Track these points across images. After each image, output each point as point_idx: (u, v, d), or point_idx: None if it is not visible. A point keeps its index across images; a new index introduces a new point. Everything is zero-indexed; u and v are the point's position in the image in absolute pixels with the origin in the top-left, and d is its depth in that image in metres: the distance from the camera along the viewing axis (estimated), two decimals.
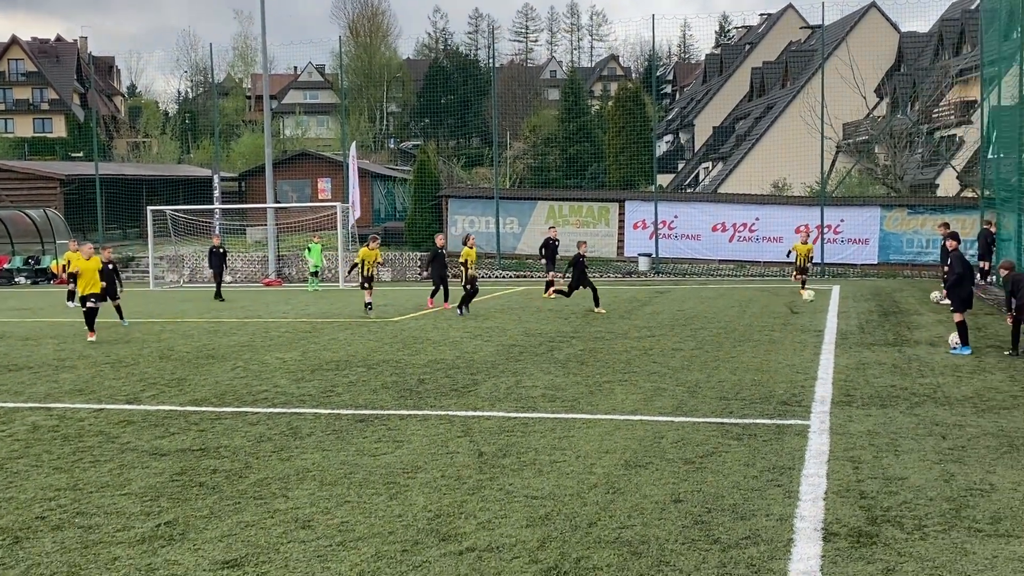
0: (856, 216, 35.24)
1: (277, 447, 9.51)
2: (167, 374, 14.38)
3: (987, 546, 6.31)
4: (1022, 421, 9.98)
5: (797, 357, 14.76)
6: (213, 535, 6.90)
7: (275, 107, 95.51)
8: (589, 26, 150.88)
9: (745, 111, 69.99)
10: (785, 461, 8.54)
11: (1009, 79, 26.61)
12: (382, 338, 18.18)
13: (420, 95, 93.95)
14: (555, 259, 28.21)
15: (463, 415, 10.88)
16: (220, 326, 21.00)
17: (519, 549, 6.44)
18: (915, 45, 59.16)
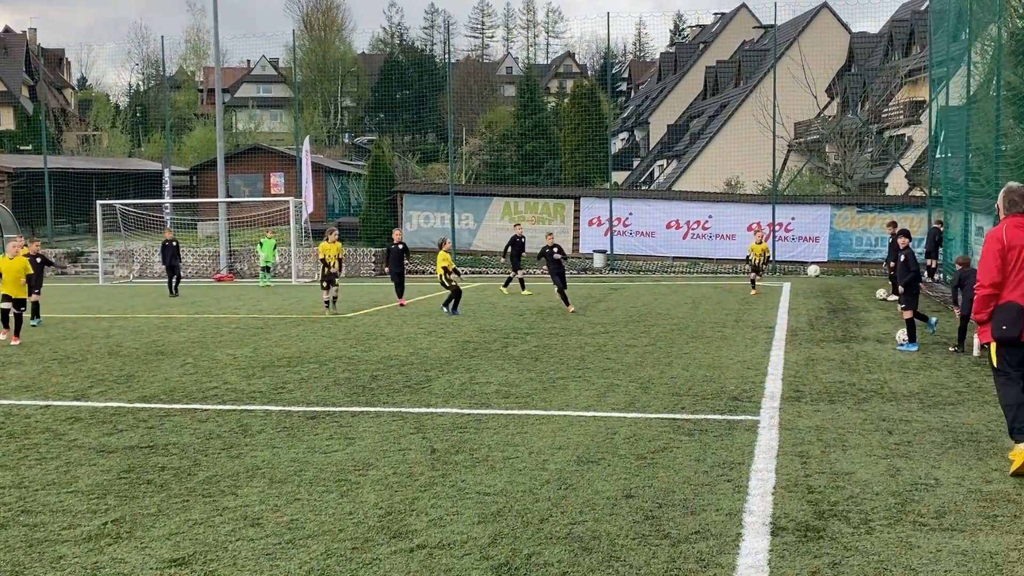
0: (807, 214, 35.65)
1: (226, 444, 9.43)
2: (115, 370, 14.21)
3: (931, 540, 6.40)
4: (967, 416, 10.14)
5: (748, 353, 14.89)
6: (160, 533, 6.83)
7: (227, 101, 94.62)
8: (545, 23, 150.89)
9: (699, 109, 70.47)
10: (735, 456, 8.61)
11: (957, 80, 27.04)
12: (335, 334, 18.09)
13: (375, 90, 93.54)
14: (520, 257, 27.47)
15: (416, 412, 10.86)
16: (170, 322, 20.79)
17: (470, 546, 6.44)
18: (865, 45, 59.90)
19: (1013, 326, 7.96)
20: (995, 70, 20.82)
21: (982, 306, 8.12)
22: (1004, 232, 8.08)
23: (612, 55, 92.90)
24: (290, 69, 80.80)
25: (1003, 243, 8.02)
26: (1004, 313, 7.99)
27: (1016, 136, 19.91)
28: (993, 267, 8.00)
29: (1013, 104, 19.79)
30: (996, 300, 8.04)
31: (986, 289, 8.06)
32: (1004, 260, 8.00)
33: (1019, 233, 8.08)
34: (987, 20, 22.77)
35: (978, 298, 8.16)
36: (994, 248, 8.04)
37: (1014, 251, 8.02)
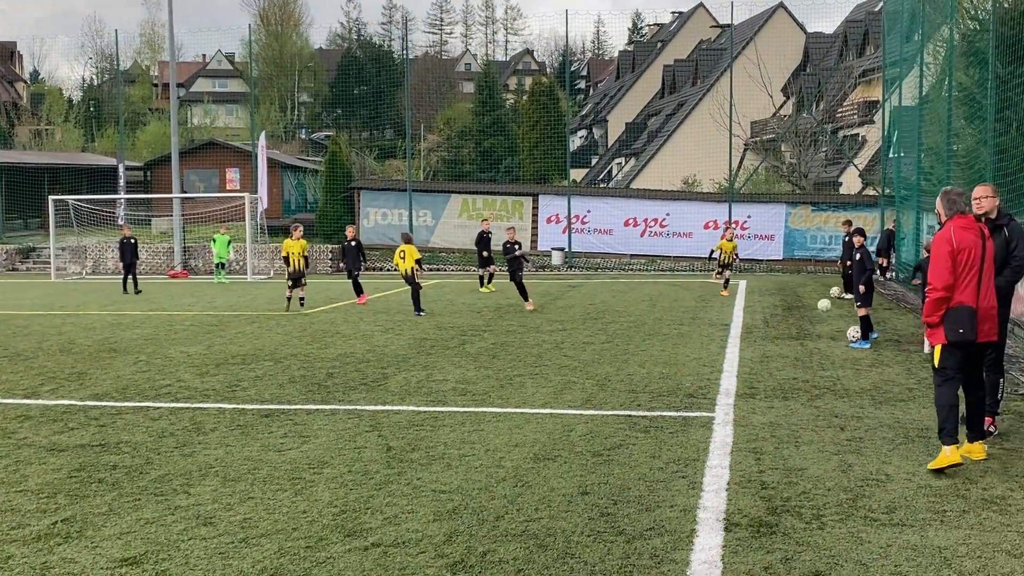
0: (763, 212, 35.92)
1: (179, 443, 9.34)
2: (67, 368, 14.02)
3: (882, 535, 6.47)
4: (917, 413, 10.27)
5: (704, 350, 14.99)
6: (111, 532, 6.75)
7: (182, 95, 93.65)
8: (504, 20, 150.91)
9: (657, 108, 70.79)
10: (690, 453, 8.66)
11: (909, 80, 27.36)
12: (290, 332, 17.98)
13: (332, 85, 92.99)
14: (490, 252, 26.76)
15: (372, 409, 10.82)
16: (123, 319, 20.55)
17: (425, 544, 6.42)
18: (820, 46, 60.51)
19: (969, 329, 7.95)
20: (947, 71, 21.10)
21: (934, 309, 8.07)
22: (952, 234, 8.06)
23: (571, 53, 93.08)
24: (246, 64, 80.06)
25: (952, 245, 8.00)
26: (957, 316, 7.98)
27: (967, 136, 20.19)
28: (944, 269, 7.97)
29: (964, 105, 20.06)
30: (948, 303, 8.02)
31: (938, 292, 8.02)
32: (955, 262, 7.98)
33: (966, 235, 8.08)
34: (939, 22, 23.06)
35: (929, 301, 8.12)
36: (944, 250, 8.02)
37: (963, 252, 8.01)
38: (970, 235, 8.09)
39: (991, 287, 8.18)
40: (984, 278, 8.10)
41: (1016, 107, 16.50)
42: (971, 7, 20.23)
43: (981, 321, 8.05)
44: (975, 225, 8.23)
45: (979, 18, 19.50)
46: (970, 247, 8.04)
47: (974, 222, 8.27)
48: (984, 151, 17.34)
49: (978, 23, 19.48)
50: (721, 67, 57.10)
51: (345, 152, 44.71)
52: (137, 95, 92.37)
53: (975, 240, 8.10)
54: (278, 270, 34.88)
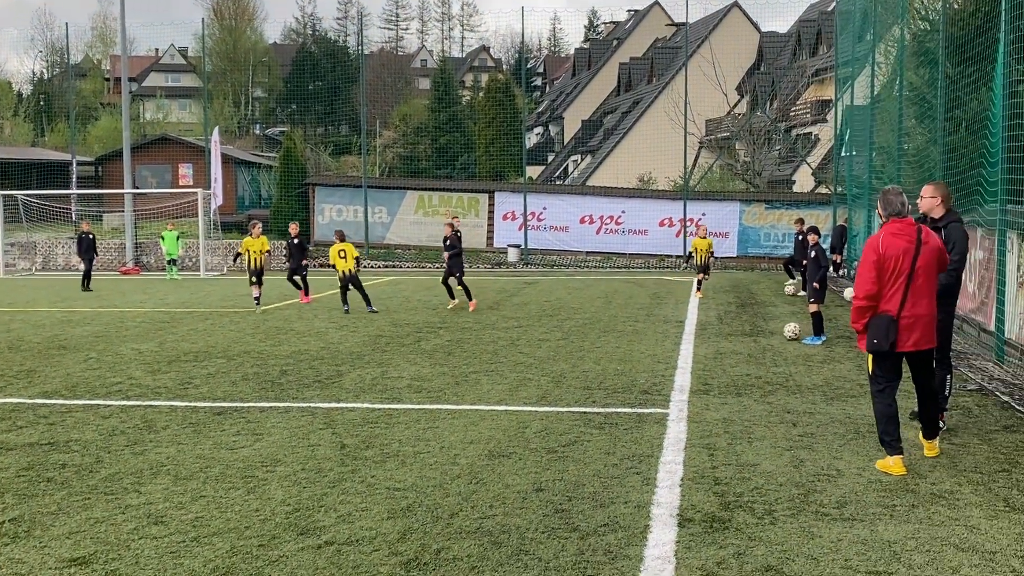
0: (717, 210, 36.19)
1: (130, 441, 9.23)
2: (15, 365, 13.81)
3: (833, 529, 6.54)
4: (868, 409, 10.36)
5: (659, 347, 15.07)
6: (60, 532, 6.65)
7: (135, 90, 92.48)
8: (460, 16, 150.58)
9: (613, 105, 71.04)
10: (644, 449, 8.70)
11: (862, 80, 27.69)
12: (244, 328, 17.83)
13: (287, 81, 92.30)
14: None
15: (326, 407, 10.76)
16: (73, 316, 20.27)
17: (379, 541, 6.39)
18: (774, 45, 61.03)
19: (883, 339, 7.82)
20: (898, 71, 21.37)
21: (857, 316, 7.97)
22: (880, 241, 7.85)
23: (527, 50, 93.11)
24: (199, 58, 79.27)
25: (879, 253, 7.80)
26: (876, 325, 7.85)
27: (917, 135, 20.46)
28: (868, 279, 7.81)
29: (915, 104, 20.33)
30: (872, 311, 7.87)
31: (859, 300, 7.90)
32: (880, 271, 7.78)
33: (896, 241, 7.83)
34: (891, 22, 23.35)
35: (854, 308, 8.01)
36: (870, 259, 7.84)
37: (891, 260, 7.79)
38: (901, 241, 7.83)
39: (923, 295, 7.89)
40: (913, 286, 7.83)
41: (965, 107, 16.74)
42: (922, 8, 20.50)
43: (904, 330, 7.83)
44: (909, 229, 7.90)
45: (929, 19, 19.77)
46: (899, 254, 7.79)
47: (909, 226, 7.93)
48: (934, 150, 17.58)
49: (928, 24, 19.75)
50: (676, 65, 57.42)
51: (300, 148, 44.43)
52: (88, 89, 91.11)
53: (906, 246, 7.83)
54: (231, 267, 34.62)
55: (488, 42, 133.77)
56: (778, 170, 47.20)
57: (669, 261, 35.82)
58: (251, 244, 21.19)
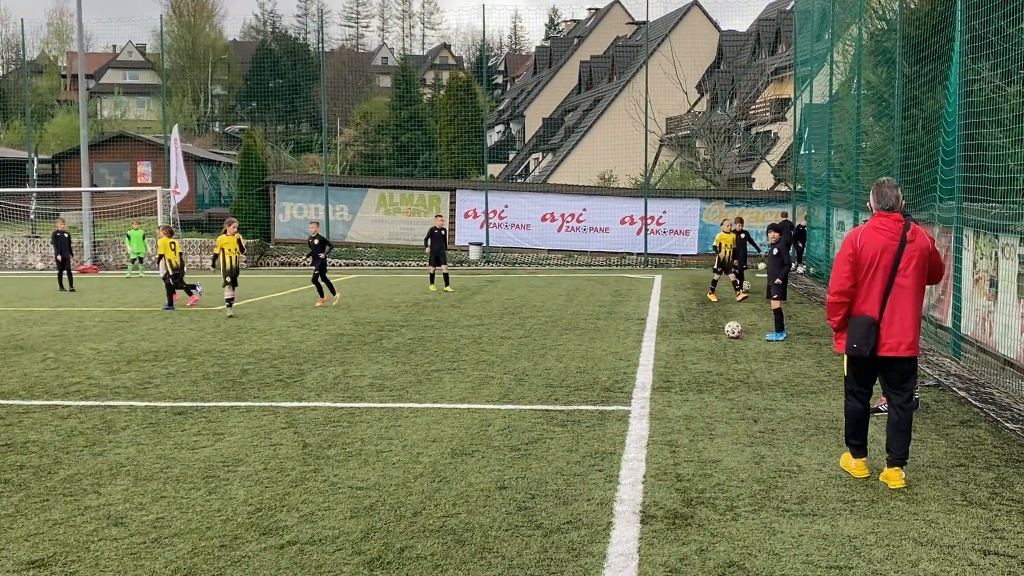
0: (678, 208, 36.35)
1: (89, 441, 9.13)
2: None
3: (794, 525, 6.60)
4: (828, 405, 10.49)
5: (620, 344, 15.12)
6: (18, 534, 6.57)
7: (92, 87, 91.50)
8: (421, 14, 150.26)
9: (574, 103, 71.17)
10: (607, 446, 8.73)
11: (820, 78, 27.94)
12: (204, 327, 17.69)
13: (247, 78, 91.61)
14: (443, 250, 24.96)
15: (288, 406, 10.70)
16: (30, 315, 20.01)
17: (342, 541, 6.37)
18: (734, 43, 61.42)
19: (864, 342, 7.32)
20: (856, 70, 21.59)
21: (832, 313, 7.55)
22: (860, 235, 7.43)
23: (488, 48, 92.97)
24: (158, 55, 78.54)
25: (855, 247, 7.38)
26: (855, 327, 7.38)
27: (875, 133, 20.68)
28: (841, 274, 7.40)
29: (872, 103, 20.55)
30: (848, 308, 7.46)
31: (832, 296, 7.49)
32: (855, 266, 7.35)
33: (876, 236, 7.39)
34: (849, 21, 23.58)
35: (827, 304, 7.59)
36: (844, 253, 7.44)
37: (867, 254, 7.34)
38: (881, 236, 7.36)
39: (907, 297, 7.34)
40: (896, 287, 7.31)
41: (922, 105, 16.95)
42: (879, 7, 20.72)
43: (886, 334, 7.33)
44: (894, 226, 7.39)
45: (887, 18, 19.98)
46: (878, 249, 7.32)
47: (896, 222, 7.40)
48: (892, 148, 17.78)
49: (886, 23, 19.96)
50: (637, 64, 57.64)
51: (260, 146, 44.10)
52: (45, 86, 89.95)
53: (886, 242, 7.34)
54: (190, 265, 34.29)
55: (449, 40, 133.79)
56: (738, 168, 47.53)
57: (630, 259, 35.95)
58: (226, 242, 19.82)
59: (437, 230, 24.91)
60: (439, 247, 24.69)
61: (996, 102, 12.89)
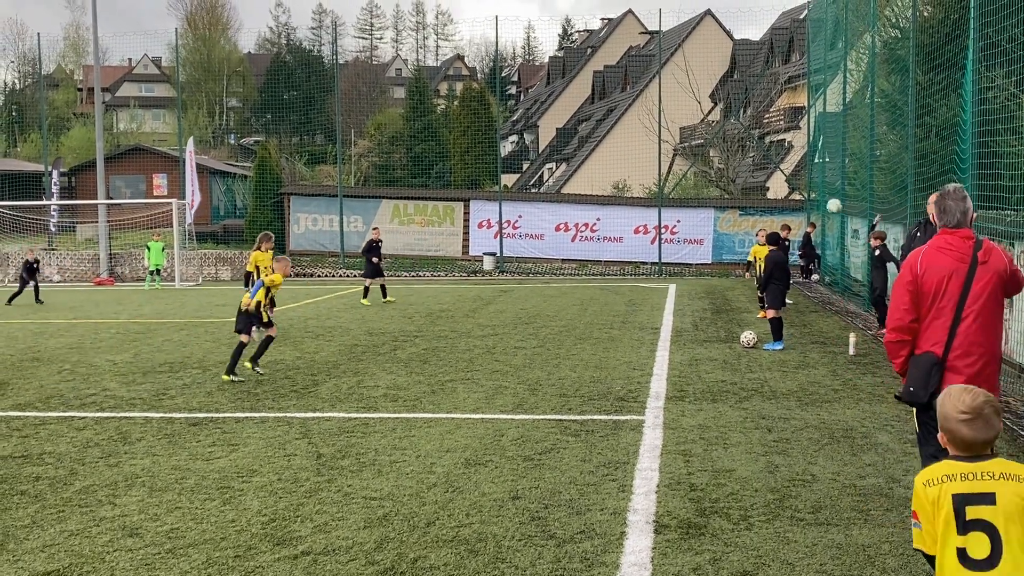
0: (692, 217, 36.33)
1: (105, 453, 9.17)
2: None
3: (808, 534, 6.58)
4: (842, 414, 10.46)
5: (634, 354, 15.11)
6: (34, 545, 6.60)
7: (108, 100, 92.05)
8: (434, 25, 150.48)
9: (587, 113, 71.26)
10: (620, 456, 8.72)
11: (834, 87, 27.89)
12: (219, 339, 17.74)
13: (262, 90, 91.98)
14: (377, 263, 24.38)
15: (302, 416, 10.73)
16: (47, 327, 20.12)
17: (356, 551, 6.39)
18: (747, 52, 61.40)
19: (922, 386, 5.84)
20: (869, 78, 21.55)
21: (892, 353, 6.11)
22: (920, 258, 5.98)
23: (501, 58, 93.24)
24: (173, 68, 78.95)
25: (915, 273, 5.93)
26: (914, 368, 5.93)
27: (889, 142, 20.64)
28: (900, 306, 5.97)
29: (886, 111, 20.51)
30: (908, 347, 6.01)
31: (890, 334, 6.08)
32: (917, 296, 5.91)
33: (941, 258, 5.93)
34: (862, 30, 23.55)
35: (886, 342, 6.18)
36: (903, 280, 6.02)
37: (931, 281, 5.89)
38: (947, 258, 5.90)
39: (980, 330, 5.84)
40: (965, 318, 5.83)
41: (935, 113, 16.91)
42: (892, 16, 20.70)
43: (952, 377, 5.76)
44: (963, 244, 5.94)
45: (900, 27, 19.95)
46: (943, 275, 5.87)
47: (964, 240, 5.96)
48: (906, 156, 17.74)
49: (899, 31, 19.94)
50: (650, 73, 57.66)
51: (275, 157, 44.28)
52: (61, 100, 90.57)
53: (954, 265, 5.89)
54: (206, 276, 34.45)
55: (462, 51, 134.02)
56: (752, 177, 47.47)
57: (644, 268, 35.93)
58: (260, 259, 17.49)
59: (375, 243, 24.52)
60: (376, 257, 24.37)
61: (1010, 109, 12.86)
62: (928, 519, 3.78)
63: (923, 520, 3.81)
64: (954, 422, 3.84)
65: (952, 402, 3.87)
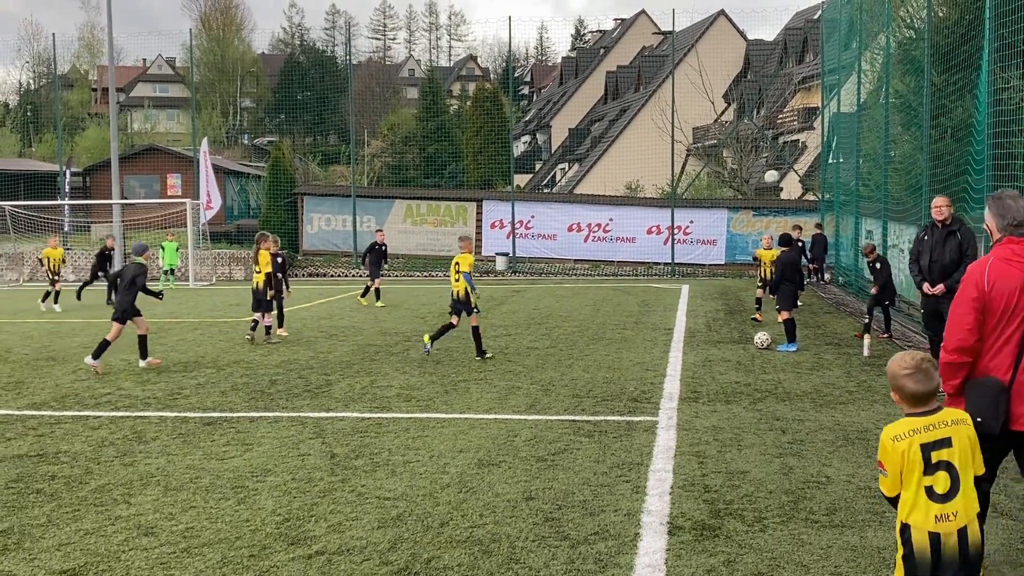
0: (705, 218, 36.27)
1: (120, 452, 9.21)
2: (4, 377, 13.76)
3: (823, 536, 6.57)
4: (857, 415, 10.43)
5: (647, 355, 15.09)
6: (50, 544, 6.63)
7: (122, 100, 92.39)
8: (447, 26, 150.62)
9: (600, 113, 71.21)
10: (634, 457, 8.71)
11: (848, 87, 27.80)
12: (233, 339, 17.79)
13: (275, 91, 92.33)
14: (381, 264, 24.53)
15: (316, 416, 10.75)
16: (62, 327, 20.21)
17: (370, 551, 6.40)
18: (761, 53, 61.26)
19: (992, 415, 5.32)
20: (884, 78, 21.48)
21: (949, 375, 5.50)
22: (987, 271, 5.42)
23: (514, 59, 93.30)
24: (187, 69, 79.22)
25: (981, 288, 5.39)
26: (979, 395, 5.38)
27: (904, 142, 20.56)
28: (963, 325, 5.40)
29: (900, 111, 20.43)
30: (968, 369, 5.47)
31: (949, 355, 5.47)
32: (982, 314, 5.37)
33: (1009, 271, 5.42)
34: (876, 30, 23.46)
35: (941, 363, 5.40)
36: (967, 296, 5.44)
37: (1000, 297, 5.37)
38: (1016, 271, 5.41)
39: None
40: None
41: (950, 114, 16.84)
42: (907, 16, 20.62)
43: (1019, 402, 5.35)
44: None
45: (915, 27, 19.87)
46: (1013, 289, 5.37)
47: None
48: (920, 157, 17.67)
49: (914, 32, 19.86)
50: (663, 73, 57.58)
51: (288, 158, 44.39)
52: (76, 100, 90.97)
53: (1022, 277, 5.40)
54: (220, 276, 34.57)
55: (475, 51, 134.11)
56: (765, 177, 47.33)
57: (657, 268, 35.88)
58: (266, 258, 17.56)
59: (378, 245, 24.67)
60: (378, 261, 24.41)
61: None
62: (895, 467, 4.44)
63: (889, 468, 4.46)
64: (900, 378, 4.49)
65: (897, 363, 4.54)
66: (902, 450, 4.39)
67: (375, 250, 24.70)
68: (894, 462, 4.43)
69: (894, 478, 4.46)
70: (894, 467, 4.43)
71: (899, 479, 4.44)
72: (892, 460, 4.43)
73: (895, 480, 4.46)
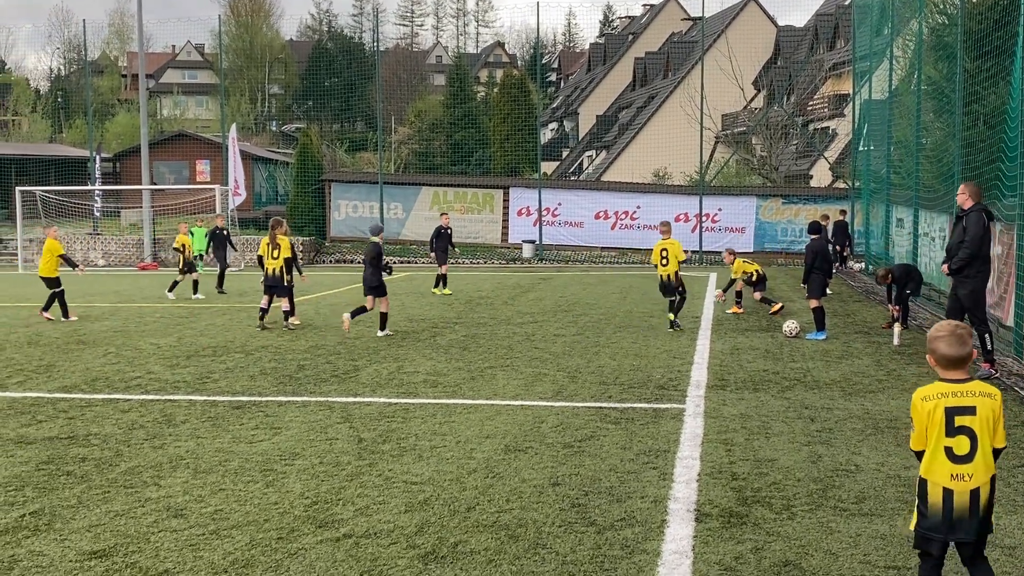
0: (733, 205, 36.09)
1: (149, 435, 9.28)
2: (35, 360, 13.89)
3: (851, 524, 6.53)
4: (887, 404, 10.36)
5: (674, 343, 15.04)
6: (80, 525, 6.70)
7: (152, 86, 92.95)
8: (475, 12, 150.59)
9: (628, 100, 70.92)
10: (661, 444, 8.69)
11: (880, 74, 27.56)
12: None
13: (303, 77, 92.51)
14: (447, 250, 23.96)
15: (343, 401, 10.79)
16: (92, 311, 20.38)
17: (397, 534, 6.42)
18: (791, 39, 60.80)
19: None
20: (916, 65, 21.25)
21: None
22: None
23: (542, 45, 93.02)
24: (216, 55, 79.52)
25: None
26: None
27: (936, 130, 20.35)
28: None
29: (933, 98, 20.22)
30: None
31: None
32: None
33: None
34: (908, 16, 23.22)
35: None
36: None
37: None
38: None
39: None
40: None
41: (983, 101, 16.64)
42: (939, 2, 20.38)
43: None
44: None
45: (947, 13, 19.65)
46: None
47: None
48: (952, 144, 17.49)
49: (947, 18, 19.63)
50: (692, 60, 57.24)
51: (316, 144, 44.48)
52: (106, 86, 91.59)
53: None
54: (249, 262, 34.73)
55: (503, 38, 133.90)
56: (795, 165, 47.03)
57: (685, 256, 35.72)
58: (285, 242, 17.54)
59: (443, 229, 24.11)
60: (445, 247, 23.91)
61: None
62: (921, 424, 4.85)
63: (916, 425, 4.88)
64: (934, 340, 4.89)
65: (935, 328, 4.95)
66: (928, 410, 4.80)
67: (442, 235, 23.90)
68: (920, 420, 4.83)
69: (920, 434, 4.85)
70: (920, 424, 4.84)
71: (924, 435, 4.83)
72: (919, 418, 4.84)
73: (920, 436, 4.85)
